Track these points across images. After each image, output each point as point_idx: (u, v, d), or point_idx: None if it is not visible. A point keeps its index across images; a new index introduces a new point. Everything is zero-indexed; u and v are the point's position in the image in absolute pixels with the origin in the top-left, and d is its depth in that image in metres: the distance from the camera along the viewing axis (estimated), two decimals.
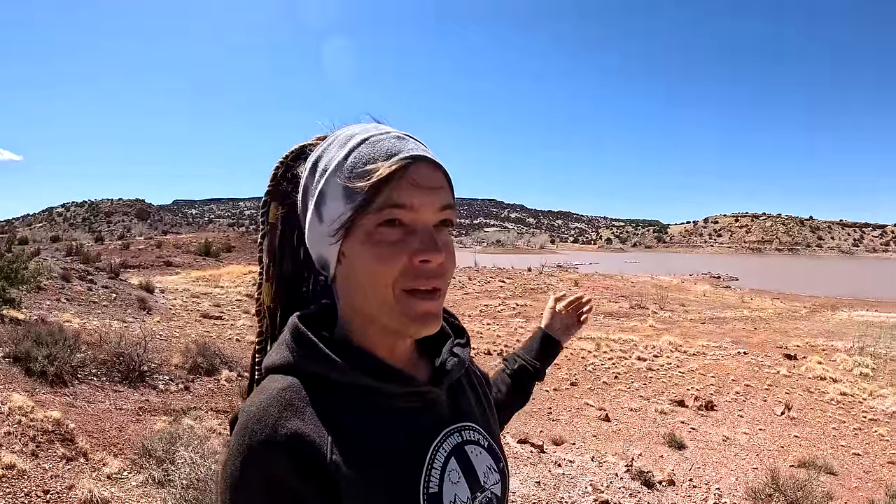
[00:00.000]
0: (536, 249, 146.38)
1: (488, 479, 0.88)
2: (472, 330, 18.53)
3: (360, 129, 0.82)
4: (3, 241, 11.96)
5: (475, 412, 0.95)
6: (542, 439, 8.71)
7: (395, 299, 0.77)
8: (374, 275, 0.76)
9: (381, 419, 0.79)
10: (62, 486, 4.74)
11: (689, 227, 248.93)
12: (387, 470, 0.77)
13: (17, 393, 6.31)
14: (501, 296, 28.87)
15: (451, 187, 0.83)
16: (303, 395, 0.76)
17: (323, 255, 0.83)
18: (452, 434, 0.87)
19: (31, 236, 52.24)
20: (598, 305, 26.10)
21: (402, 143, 0.79)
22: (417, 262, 0.76)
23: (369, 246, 0.76)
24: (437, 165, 0.80)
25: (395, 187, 0.75)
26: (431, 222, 0.78)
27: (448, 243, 0.81)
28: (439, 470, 0.81)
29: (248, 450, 0.71)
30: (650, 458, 8.49)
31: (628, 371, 13.83)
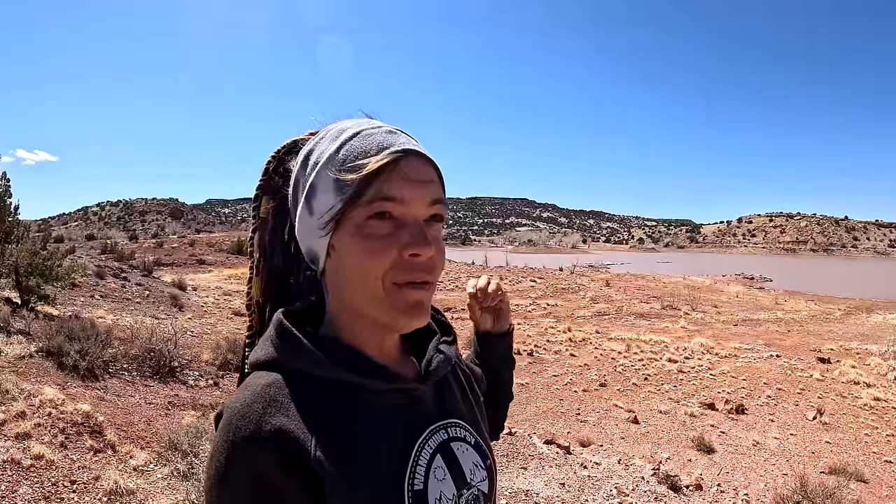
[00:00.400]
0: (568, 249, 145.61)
1: (475, 476, 0.87)
2: None
3: (352, 123, 0.82)
4: (38, 239, 12.23)
5: (462, 409, 0.95)
6: (569, 440, 8.61)
7: (385, 292, 0.77)
8: (364, 268, 0.76)
9: (365, 416, 0.79)
10: (89, 477, 4.81)
11: (723, 227, 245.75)
12: (370, 467, 0.76)
13: (49, 386, 6.42)
14: (532, 295, 28.69)
15: (442, 182, 0.82)
16: (286, 391, 0.75)
17: (313, 248, 0.82)
18: (438, 431, 0.86)
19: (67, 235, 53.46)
20: (629, 306, 25.81)
21: (394, 137, 0.79)
22: (407, 256, 0.76)
23: (359, 239, 0.76)
24: (427, 160, 0.80)
25: (386, 180, 0.75)
26: (422, 216, 0.78)
27: (438, 238, 0.81)
28: (424, 467, 0.81)
29: (231, 446, 0.71)
30: (678, 462, 8.33)
31: (658, 373, 13.62)
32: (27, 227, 12.66)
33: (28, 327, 8.68)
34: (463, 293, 29.26)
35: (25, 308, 10.48)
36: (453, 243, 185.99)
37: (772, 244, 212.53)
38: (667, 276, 44.19)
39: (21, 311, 9.95)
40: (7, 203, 10.81)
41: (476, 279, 1.29)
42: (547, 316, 23.03)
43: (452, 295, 28.99)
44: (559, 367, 14.17)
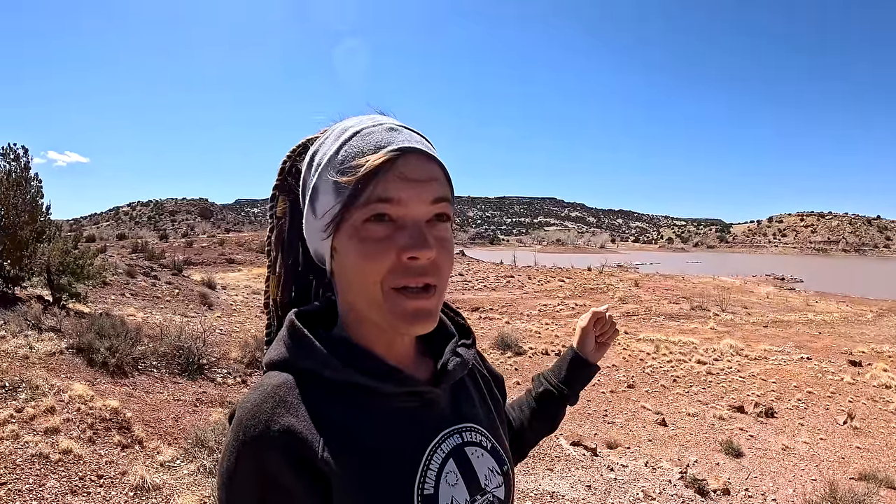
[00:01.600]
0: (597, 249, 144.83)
1: (490, 482, 0.86)
2: (530, 330, 18.39)
3: (356, 121, 0.81)
4: (70, 239, 12.52)
5: (479, 413, 0.93)
6: (596, 442, 8.52)
7: (384, 297, 0.75)
8: (362, 272, 0.75)
9: (375, 418, 0.78)
10: (116, 472, 4.85)
11: (753, 227, 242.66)
12: (380, 470, 0.75)
13: (79, 382, 6.51)
14: (561, 295, 28.54)
15: (448, 180, 0.80)
16: (296, 391, 0.75)
17: (318, 249, 0.82)
18: (452, 435, 0.85)
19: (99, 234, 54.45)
20: (658, 306, 25.55)
21: (394, 134, 0.77)
22: (406, 259, 0.74)
23: (356, 242, 0.75)
24: (429, 157, 0.77)
25: (382, 181, 0.73)
26: (422, 217, 0.76)
27: (443, 238, 0.78)
28: (435, 471, 0.79)
29: (241, 445, 0.71)
30: (706, 466, 8.19)
31: (687, 374, 13.43)
32: (59, 227, 12.90)
33: (59, 324, 8.83)
34: (491, 293, 29.52)
35: (57, 306, 10.67)
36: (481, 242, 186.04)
37: (803, 244, 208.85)
38: (696, 276, 43.56)
39: (52, 309, 10.13)
40: (39, 203, 11.01)
41: (598, 307, 1.32)
42: (575, 316, 22.87)
43: (481, 294, 29.00)
44: None
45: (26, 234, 10.16)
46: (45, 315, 9.26)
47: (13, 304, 9.49)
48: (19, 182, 10.38)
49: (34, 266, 10.69)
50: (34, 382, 6.00)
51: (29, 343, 7.45)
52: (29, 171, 10.75)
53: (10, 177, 10.26)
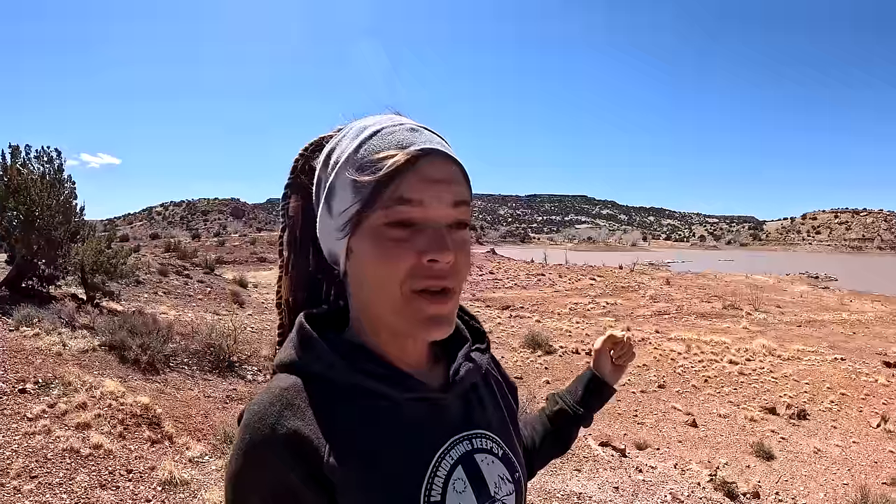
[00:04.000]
0: (628, 247, 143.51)
1: (500, 490, 0.84)
2: (561, 328, 18.30)
3: (375, 120, 0.79)
4: (103, 239, 12.81)
5: (491, 420, 0.91)
6: (625, 443, 8.43)
7: (404, 300, 0.74)
8: (381, 274, 0.74)
9: (383, 423, 0.77)
10: (145, 467, 4.92)
11: (786, 224, 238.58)
12: (386, 475, 0.74)
13: (110, 379, 6.62)
14: (592, 294, 28.31)
15: (468, 183, 0.79)
16: (304, 395, 0.75)
17: (333, 249, 0.81)
18: (462, 442, 0.83)
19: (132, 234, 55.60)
20: (690, 305, 25.19)
21: (415, 135, 0.76)
22: (426, 262, 0.73)
23: (376, 243, 0.73)
24: (450, 159, 0.76)
25: (403, 182, 0.72)
26: (442, 219, 0.74)
27: (462, 242, 0.76)
28: (443, 478, 0.78)
29: (248, 447, 0.71)
30: (736, 468, 8.07)
31: (719, 375, 13.23)
32: (93, 227, 13.18)
33: (92, 322, 9.00)
34: (522, 291, 29.41)
35: (90, 304, 10.89)
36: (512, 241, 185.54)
37: (837, 241, 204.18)
38: (728, 274, 42.88)
39: (86, 307, 10.35)
40: (73, 204, 11.24)
41: (615, 330, 1.32)
42: (606, 314, 22.74)
43: (511, 293, 28.93)
44: None
45: (60, 234, 10.38)
46: (79, 313, 9.45)
47: (48, 302, 9.70)
48: (53, 184, 10.61)
49: (68, 265, 10.93)
50: (67, 379, 6.11)
51: (62, 340, 7.60)
52: (62, 173, 11.00)
53: (44, 179, 10.49)
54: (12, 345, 6.92)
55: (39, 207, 9.99)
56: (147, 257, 22.61)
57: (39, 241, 10.07)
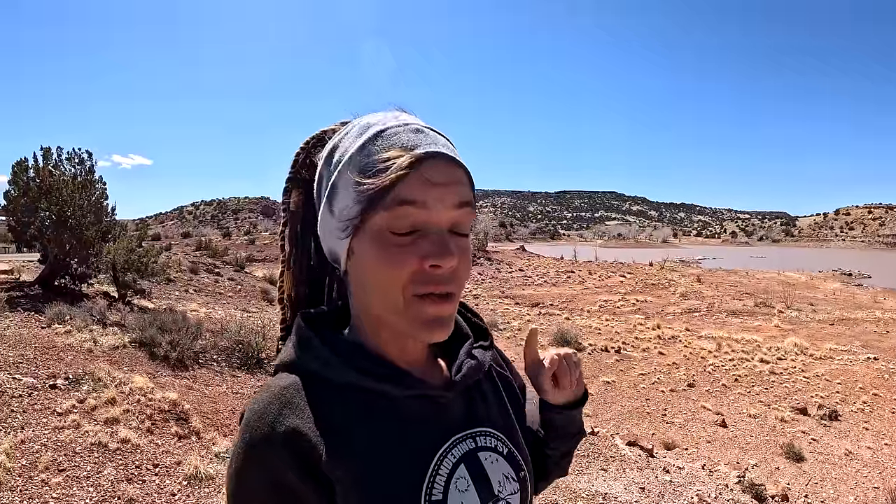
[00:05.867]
0: (658, 243, 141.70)
1: (504, 489, 0.83)
2: (591, 326, 18.23)
3: (379, 118, 0.78)
4: (135, 238, 13.07)
5: (495, 417, 0.89)
6: (653, 442, 8.35)
7: (405, 304, 0.74)
8: (383, 277, 0.73)
9: (383, 422, 0.77)
10: (171, 462, 4.99)
11: (819, 220, 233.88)
12: (385, 474, 0.74)
13: (140, 375, 6.73)
14: (621, 291, 28.05)
15: (472, 186, 0.78)
16: (303, 394, 0.75)
17: (334, 248, 0.80)
18: (465, 440, 0.82)
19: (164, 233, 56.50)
20: (721, 302, 24.83)
21: (420, 136, 0.75)
22: (428, 267, 0.72)
23: (378, 247, 0.73)
24: (454, 161, 0.75)
25: (406, 184, 0.71)
26: (445, 223, 0.74)
27: (463, 247, 0.76)
28: (445, 477, 0.77)
29: (248, 447, 0.71)
30: (765, 470, 7.94)
31: (749, 374, 13.05)
32: (124, 227, 13.41)
33: (123, 319, 9.15)
34: (552, 289, 29.28)
35: (122, 302, 11.09)
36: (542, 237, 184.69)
37: (871, 237, 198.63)
38: (760, 271, 42.12)
39: (117, 305, 10.53)
40: (104, 204, 11.47)
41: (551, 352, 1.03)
42: (636, 312, 22.52)
43: (541, 290, 28.80)
44: (647, 365, 13.86)
45: (92, 233, 10.58)
46: (110, 311, 9.62)
47: (80, 300, 9.88)
48: (84, 185, 10.82)
49: (100, 264, 11.14)
50: (97, 375, 6.23)
51: (93, 337, 7.75)
52: (93, 174, 11.23)
53: (76, 180, 10.71)
54: (44, 341, 7.07)
55: (71, 208, 10.20)
56: (178, 256, 22.97)
57: (71, 241, 10.28)
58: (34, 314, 8.39)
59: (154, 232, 48.66)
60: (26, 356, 6.43)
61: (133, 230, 15.70)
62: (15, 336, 7.09)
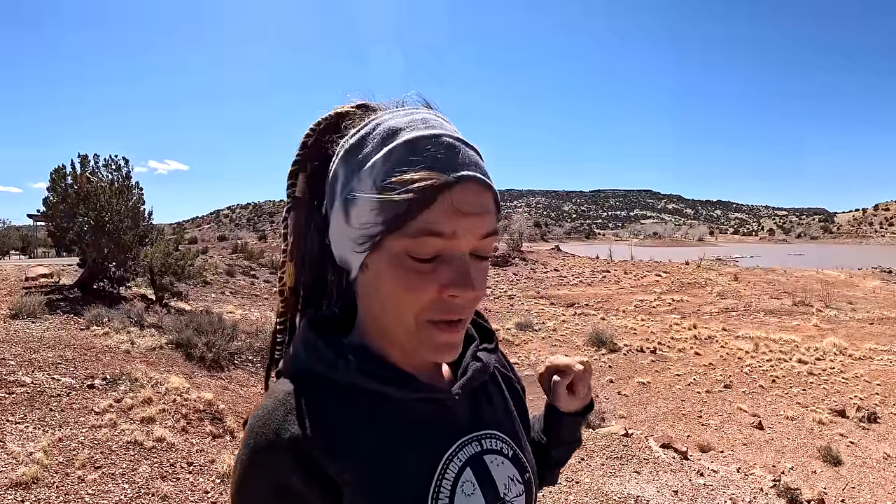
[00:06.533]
0: (694, 242, 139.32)
1: (509, 491, 0.82)
2: (626, 326, 18.06)
3: (408, 122, 0.72)
4: (172, 241, 13.38)
5: (501, 420, 0.88)
6: (688, 445, 8.22)
7: (417, 327, 0.72)
8: (399, 301, 0.71)
9: (389, 426, 0.75)
10: (205, 460, 5.09)
11: (858, 216, 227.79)
12: (392, 478, 0.72)
13: (176, 375, 6.87)
14: (657, 290, 27.63)
15: (499, 209, 0.75)
16: (309, 399, 0.72)
17: (346, 257, 0.76)
18: (471, 443, 0.81)
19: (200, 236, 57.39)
20: (758, 302, 24.28)
21: (453, 154, 0.70)
22: (447, 296, 0.70)
23: (396, 270, 0.69)
24: (486, 186, 0.71)
25: (434, 212, 0.67)
26: (468, 251, 0.71)
27: (482, 271, 0.74)
28: (451, 480, 0.76)
29: (253, 453, 0.70)
30: (802, 473, 7.76)
31: (787, 375, 12.76)
32: (161, 231, 13.72)
33: (160, 321, 9.36)
34: (587, 289, 29.01)
35: (159, 304, 11.34)
36: (577, 237, 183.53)
37: None
38: (798, 269, 41.08)
39: (154, 307, 10.77)
40: (141, 209, 11.77)
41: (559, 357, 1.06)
42: (672, 312, 22.19)
43: (576, 290, 28.58)
44: (683, 365, 13.68)
45: (129, 238, 10.86)
46: (148, 313, 9.85)
47: (118, 302, 10.16)
48: (121, 190, 11.13)
49: (138, 267, 11.41)
50: (134, 375, 6.39)
51: (131, 339, 7.95)
52: (130, 180, 11.56)
53: (113, 186, 11.01)
54: (83, 343, 7.27)
55: (108, 213, 10.48)
56: (214, 258, 23.35)
57: (109, 245, 10.57)
58: (73, 316, 8.63)
59: (191, 235, 49.52)
60: (65, 357, 6.62)
61: (170, 234, 16.03)
62: (54, 338, 7.30)
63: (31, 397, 5.48)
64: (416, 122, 0.72)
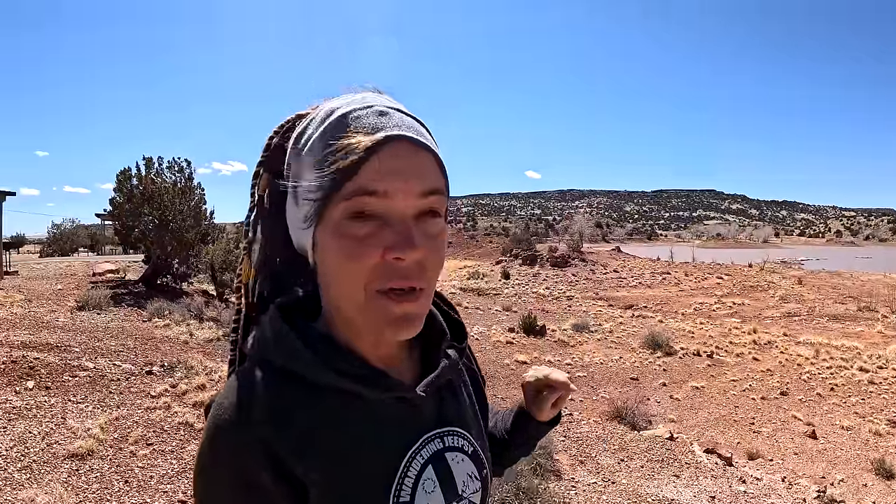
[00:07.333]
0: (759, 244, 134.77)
1: (467, 488, 0.81)
2: (683, 329, 17.79)
3: (345, 101, 0.74)
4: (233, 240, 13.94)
5: (465, 416, 0.87)
6: (735, 451, 8.08)
7: (366, 299, 0.69)
8: (343, 272, 0.69)
9: (355, 422, 0.73)
10: None
11: None
12: (355, 476, 0.71)
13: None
14: (718, 293, 26.97)
15: (442, 170, 0.73)
16: (274, 390, 0.71)
17: (300, 240, 0.76)
18: (434, 440, 0.80)
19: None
20: (822, 307, 23.39)
21: (383, 119, 0.70)
22: (391, 259, 0.68)
23: (337, 239, 0.68)
24: (419, 144, 0.70)
25: (366, 170, 0.66)
26: (410, 212, 0.69)
27: (433, 235, 0.71)
28: (413, 478, 0.75)
29: (219, 443, 0.68)
30: (851, 486, 7.51)
31: (847, 383, 12.32)
32: (223, 229, 14.31)
33: (219, 315, 9.81)
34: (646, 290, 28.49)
35: (219, 299, 11.84)
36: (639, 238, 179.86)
37: None
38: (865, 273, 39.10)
39: (214, 302, 11.27)
40: (203, 209, 12.33)
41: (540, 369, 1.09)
42: (732, 315, 21.66)
43: (635, 292, 28.16)
44: (739, 371, 13.40)
45: (191, 236, 11.41)
46: (207, 307, 10.34)
47: (179, 297, 10.69)
48: (184, 191, 11.70)
49: (199, 264, 11.95)
50: (190, 363, 6.78)
51: (190, 330, 8.39)
52: (192, 181, 12.15)
53: (176, 186, 11.59)
54: (144, 333, 7.74)
55: (172, 212, 11.06)
56: None
57: (172, 243, 11.14)
58: (136, 309, 9.17)
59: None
60: (127, 346, 7.09)
61: (232, 232, 16.67)
62: (118, 328, 7.80)
63: (93, 381, 5.94)
64: (352, 100, 0.73)
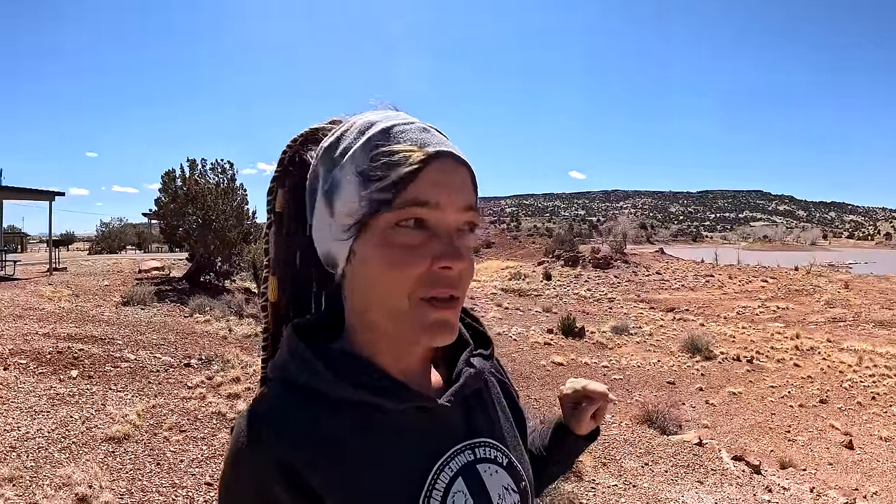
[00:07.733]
0: (806, 246, 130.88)
1: (504, 500, 0.79)
2: (725, 333, 17.53)
3: (381, 116, 0.75)
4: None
5: (496, 427, 0.86)
6: (767, 459, 7.96)
7: (410, 307, 0.70)
8: (389, 280, 0.69)
9: (377, 435, 0.73)
10: None
11: None
12: (379, 490, 0.71)
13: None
14: (762, 297, 26.46)
15: (476, 187, 0.75)
16: (295, 407, 0.71)
17: (332, 251, 0.75)
18: (463, 452, 0.78)
19: None
20: (868, 312, 22.70)
21: (428, 135, 0.72)
22: (438, 269, 0.69)
23: (385, 248, 0.69)
24: (461, 161, 0.73)
25: (417, 184, 0.68)
26: (454, 224, 0.71)
27: (469, 248, 0.74)
28: (441, 491, 0.73)
29: (238, 460, 0.69)
30: (885, 499, 7.32)
31: (890, 392, 11.98)
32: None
33: (259, 312, 10.13)
34: (689, 293, 28.09)
35: (260, 297, 12.21)
36: (683, 240, 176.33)
37: None
38: None
39: (255, 299, 11.62)
40: (245, 209, 12.77)
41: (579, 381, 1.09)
42: (775, 320, 21.21)
43: (678, 294, 27.83)
44: (779, 377, 13.18)
45: (234, 235, 11.83)
46: (248, 304, 10.70)
47: (221, 294, 11.09)
48: (227, 191, 12.13)
49: (242, 262, 12.36)
50: (226, 357, 7.11)
51: (229, 326, 8.74)
52: (235, 182, 12.59)
53: (219, 187, 12.02)
54: (185, 328, 8.11)
55: (214, 212, 11.49)
56: None
57: (215, 242, 11.56)
58: (179, 305, 9.58)
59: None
60: (167, 339, 7.46)
61: None
62: (160, 323, 8.20)
63: (133, 371, 6.33)
64: (389, 116, 0.75)
